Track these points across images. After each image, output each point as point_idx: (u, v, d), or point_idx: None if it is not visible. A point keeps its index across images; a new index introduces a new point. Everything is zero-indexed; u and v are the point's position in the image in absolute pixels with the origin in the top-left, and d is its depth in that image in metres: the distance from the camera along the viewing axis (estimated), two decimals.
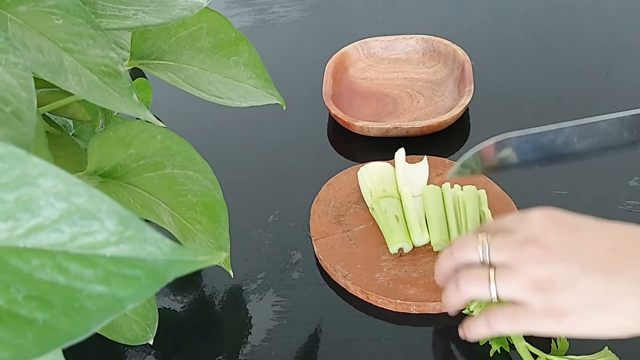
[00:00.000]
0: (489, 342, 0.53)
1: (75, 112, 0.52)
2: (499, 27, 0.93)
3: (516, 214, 0.48)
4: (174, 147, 0.45)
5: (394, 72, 0.84)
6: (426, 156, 0.69)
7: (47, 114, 0.51)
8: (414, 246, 0.61)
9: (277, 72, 0.62)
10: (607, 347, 0.50)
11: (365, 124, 0.74)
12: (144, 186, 0.46)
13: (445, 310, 0.52)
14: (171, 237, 0.24)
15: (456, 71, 0.81)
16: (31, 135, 0.33)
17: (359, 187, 0.67)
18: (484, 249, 0.46)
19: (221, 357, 0.56)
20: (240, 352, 0.57)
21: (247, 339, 0.58)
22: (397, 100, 0.80)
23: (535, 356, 0.50)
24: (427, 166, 0.68)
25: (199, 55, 0.52)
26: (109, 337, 0.49)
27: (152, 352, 0.57)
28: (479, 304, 0.52)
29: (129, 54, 0.51)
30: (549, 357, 0.50)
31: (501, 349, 0.53)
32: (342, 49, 0.85)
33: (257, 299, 0.61)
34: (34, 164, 0.21)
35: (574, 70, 0.83)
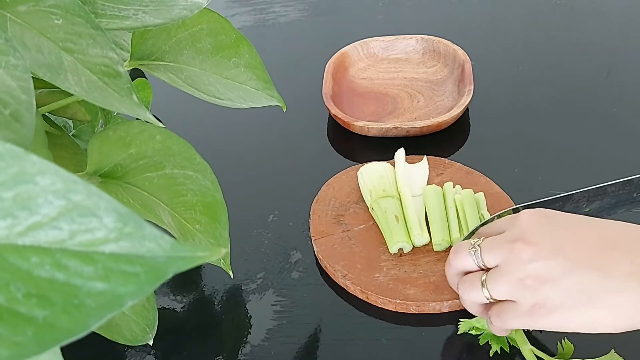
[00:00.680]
0: (489, 342, 0.53)
1: (75, 112, 0.52)
2: (499, 27, 0.94)
3: (508, 216, 0.48)
4: (173, 147, 0.45)
5: (393, 72, 0.84)
6: (426, 156, 0.69)
7: (47, 114, 0.51)
8: (413, 246, 0.61)
9: (277, 72, 0.62)
10: (613, 350, 0.50)
11: (365, 124, 0.74)
12: (144, 186, 0.46)
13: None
14: (171, 237, 0.24)
15: (456, 71, 0.81)
16: (30, 137, 0.33)
17: (359, 187, 0.67)
18: (477, 252, 0.47)
19: (221, 357, 0.56)
20: (240, 352, 0.57)
21: (246, 338, 0.58)
22: (397, 100, 0.80)
23: (540, 359, 0.50)
24: (427, 166, 0.68)
25: (199, 56, 0.52)
26: (108, 338, 0.49)
27: (152, 352, 0.57)
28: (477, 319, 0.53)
29: (129, 55, 0.51)
30: None
31: (501, 349, 0.53)
32: (342, 49, 0.85)
33: (257, 299, 0.61)
34: (32, 161, 0.21)
35: (575, 70, 0.83)
